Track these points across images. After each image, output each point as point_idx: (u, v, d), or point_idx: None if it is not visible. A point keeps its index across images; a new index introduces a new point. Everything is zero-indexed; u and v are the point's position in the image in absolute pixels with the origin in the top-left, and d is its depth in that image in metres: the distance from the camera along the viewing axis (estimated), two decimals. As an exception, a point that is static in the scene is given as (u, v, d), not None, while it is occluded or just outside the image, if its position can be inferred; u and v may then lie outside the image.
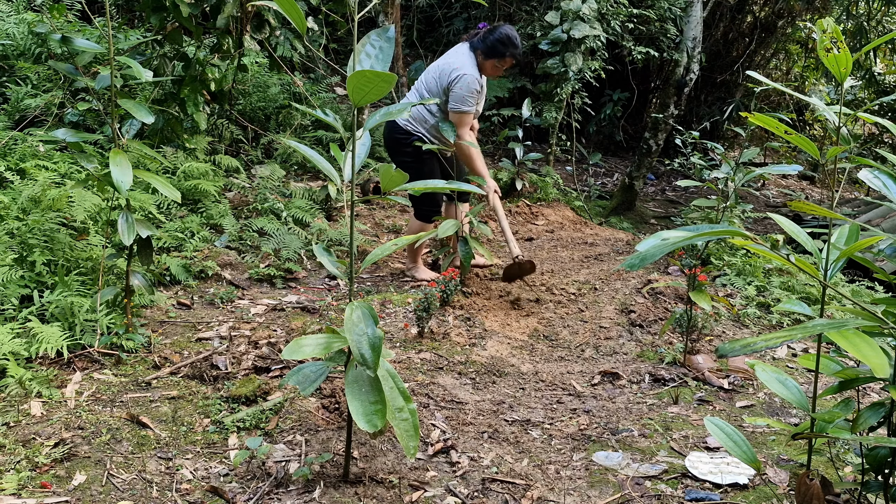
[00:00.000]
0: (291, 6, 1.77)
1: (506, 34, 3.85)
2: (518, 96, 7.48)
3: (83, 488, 2.14)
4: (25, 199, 3.40)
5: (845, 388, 1.67)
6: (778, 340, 1.34)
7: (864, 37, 7.73)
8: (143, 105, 2.72)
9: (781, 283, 4.17)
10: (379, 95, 1.76)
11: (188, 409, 2.62)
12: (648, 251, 1.38)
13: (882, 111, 7.42)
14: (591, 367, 3.21)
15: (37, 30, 3.25)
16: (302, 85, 5.46)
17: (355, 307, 1.91)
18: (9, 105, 4.66)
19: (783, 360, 3.36)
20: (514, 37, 3.85)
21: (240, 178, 5.16)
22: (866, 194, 7.03)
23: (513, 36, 3.85)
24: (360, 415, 1.90)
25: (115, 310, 3.12)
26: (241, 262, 4.15)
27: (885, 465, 1.69)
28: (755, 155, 3.21)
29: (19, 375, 2.58)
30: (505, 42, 3.84)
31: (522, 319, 3.71)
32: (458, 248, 3.89)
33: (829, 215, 1.49)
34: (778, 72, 9.65)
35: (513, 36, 3.85)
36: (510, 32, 3.86)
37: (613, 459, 2.42)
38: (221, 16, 4.36)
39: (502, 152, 7.39)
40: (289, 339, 3.18)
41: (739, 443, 1.75)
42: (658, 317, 3.77)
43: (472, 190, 2.11)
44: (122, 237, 2.75)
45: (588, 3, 6.26)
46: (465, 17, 8.81)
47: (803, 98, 1.75)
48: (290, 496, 2.16)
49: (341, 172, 2.00)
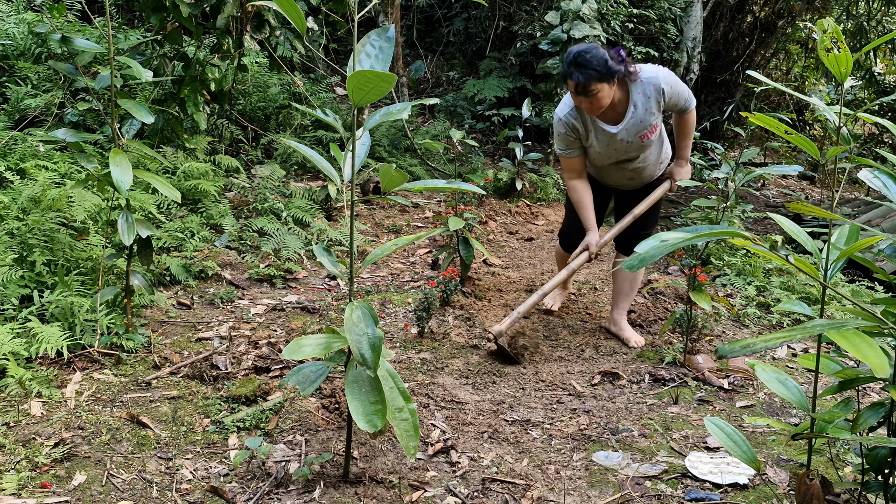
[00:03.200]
0: (291, 6, 1.77)
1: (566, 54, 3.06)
2: (518, 96, 7.48)
3: (83, 488, 2.14)
4: (25, 199, 3.40)
5: (845, 388, 1.67)
6: (778, 340, 1.34)
7: (864, 37, 7.73)
8: (143, 105, 2.72)
9: (781, 283, 4.17)
10: (379, 95, 1.76)
11: (188, 409, 2.62)
12: (648, 252, 1.38)
13: (882, 111, 7.42)
14: (591, 367, 3.21)
15: (37, 30, 3.25)
16: (302, 85, 5.46)
17: (355, 307, 1.91)
18: (9, 105, 4.66)
19: (783, 360, 3.36)
20: (566, 55, 3.01)
21: (240, 178, 5.16)
22: (866, 194, 7.03)
23: (567, 54, 3.00)
24: (360, 415, 1.90)
25: (115, 310, 3.12)
26: (241, 262, 4.15)
27: (885, 465, 1.69)
28: (755, 155, 3.21)
29: (19, 375, 2.58)
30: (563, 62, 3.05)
31: (522, 319, 3.70)
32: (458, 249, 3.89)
33: (828, 216, 1.49)
34: (778, 72, 9.65)
35: (567, 54, 3.00)
36: (570, 50, 3.01)
37: (613, 459, 2.42)
38: (221, 16, 4.36)
39: (502, 152, 7.39)
40: (289, 339, 3.18)
41: (739, 443, 1.75)
42: (658, 317, 3.77)
43: (472, 190, 2.11)
44: (122, 237, 2.75)
45: (588, 3, 6.26)
46: (465, 18, 8.81)
47: (803, 98, 1.75)
48: (290, 496, 2.16)
49: (341, 172, 2.00)
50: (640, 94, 3.06)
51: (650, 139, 3.17)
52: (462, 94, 7.73)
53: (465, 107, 7.67)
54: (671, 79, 3.10)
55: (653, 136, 3.17)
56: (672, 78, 3.11)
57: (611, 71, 2.92)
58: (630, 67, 3.02)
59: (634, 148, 3.18)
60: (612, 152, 3.19)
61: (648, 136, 3.15)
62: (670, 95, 3.10)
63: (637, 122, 3.09)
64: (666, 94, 3.08)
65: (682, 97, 3.15)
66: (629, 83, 3.05)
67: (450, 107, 7.74)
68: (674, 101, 3.15)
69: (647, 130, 3.13)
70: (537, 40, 6.63)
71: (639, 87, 3.06)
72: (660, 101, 3.09)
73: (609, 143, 3.15)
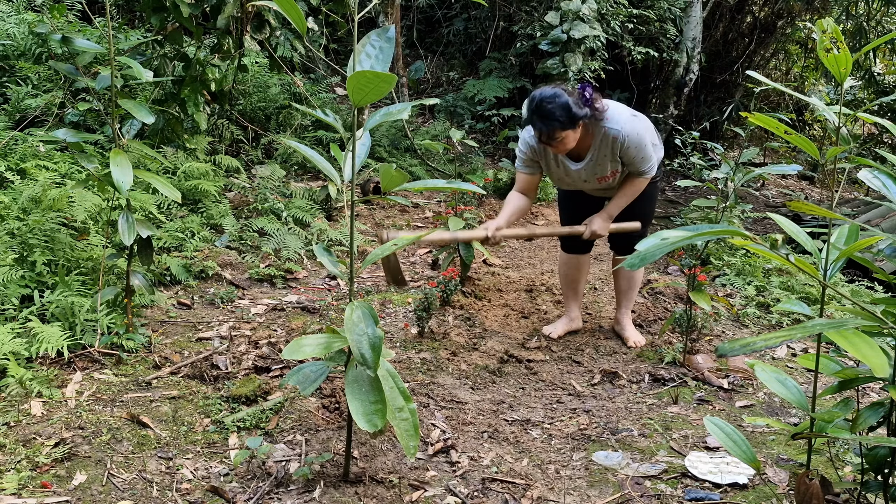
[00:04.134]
0: (291, 6, 1.77)
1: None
2: (518, 96, 7.48)
3: (83, 488, 2.14)
4: (26, 199, 3.40)
5: (845, 388, 1.68)
6: (777, 340, 1.34)
7: (863, 37, 7.74)
8: (144, 105, 2.72)
9: (781, 283, 4.17)
10: (379, 96, 1.76)
11: (188, 409, 2.62)
12: (648, 251, 1.38)
13: (882, 111, 7.42)
14: (591, 367, 3.21)
15: (37, 30, 3.26)
16: (302, 85, 5.47)
17: (355, 307, 1.92)
18: (9, 105, 4.66)
19: (783, 359, 3.37)
20: (529, 99, 2.92)
21: (240, 178, 5.17)
22: (866, 194, 7.03)
23: (530, 99, 2.92)
24: (360, 415, 1.90)
25: (116, 310, 3.12)
26: (242, 262, 4.15)
27: (884, 465, 1.69)
28: (755, 155, 3.22)
29: (20, 375, 2.58)
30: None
31: (522, 319, 3.71)
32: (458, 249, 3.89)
33: (828, 215, 1.50)
34: (778, 72, 9.65)
35: (530, 99, 2.92)
36: (531, 94, 2.95)
37: (613, 459, 2.42)
38: (221, 16, 4.36)
39: (502, 152, 7.39)
40: (289, 339, 3.19)
41: (739, 442, 1.75)
42: (658, 316, 3.77)
43: (472, 190, 2.11)
44: (123, 237, 2.75)
45: (588, 3, 6.26)
46: (465, 18, 8.82)
47: (803, 98, 1.75)
48: (290, 496, 2.16)
49: (341, 172, 2.00)
50: (600, 142, 3.00)
51: (608, 182, 3.13)
52: (462, 95, 7.74)
53: (465, 107, 7.67)
54: (637, 138, 2.97)
55: (612, 179, 3.11)
56: (639, 138, 2.98)
57: (574, 118, 2.84)
58: (596, 106, 2.92)
59: (593, 185, 3.17)
60: (573, 182, 3.19)
61: (607, 179, 3.11)
62: (627, 151, 2.99)
63: (594, 164, 3.05)
64: (622, 149, 2.99)
65: (639, 160, 3.02)
66: (596, 124, 2.98)
67: (450, 107, 7.75)
68: (628, 159, 3.03)
69: (606, 174, 3.08)
70: (537, 40, 6.64)
71: (600, 133, 2.99)
72: (615, 152, 3.01)
73: (567, 174, 3.15)
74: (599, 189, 3.24)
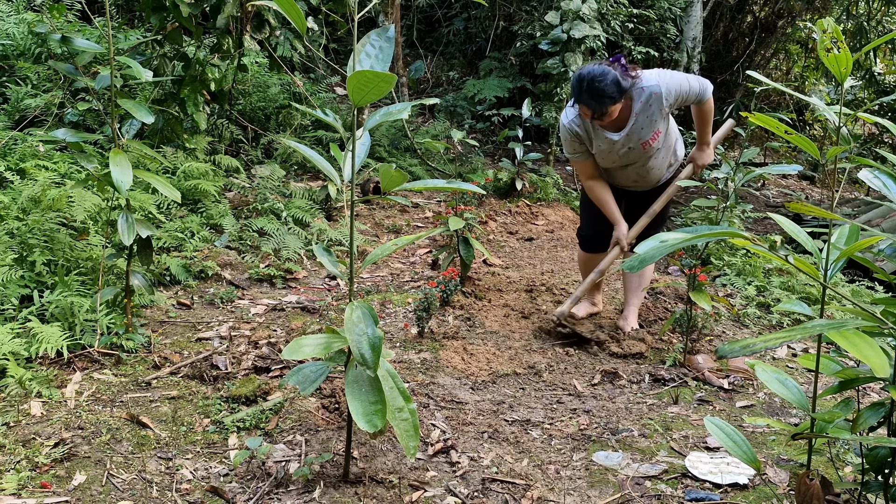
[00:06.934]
0: (291, 6, 1.77)
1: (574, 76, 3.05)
2: (518, 96, 7.48)
3: (83, 488, 2.14)
4: (25, 199, 3.40)
5: (845, 388, 1.67)
6: (778, 340, 1.34)
7: (864, 37, 7.73)
8: (143, 105, 2.72)
9: (781, 283, 4.17)
10: (379, 95, 1.76)
11: (188, 409, 2.62)
12: (647, 253, 1.38)
13: (882, 111, 7.42)
14: (591, 367, 3.21)
15: (37, 30, 3.25)
16: (302, 85, 5.46)
17: (355, 307, 1.91)
18: (9, 105, 4.66)
19: (783, 360, 3.36)
20: (576, 79, 2.99)
21: (240, 178, 5.16)
22: (866, 194, 7.03)
23: (577, 78, 2.98)
24: (360, 415, 1.90)
25: (115, 310, 3.12)
26: (241, 262, 4.15)
27: (885, 465, 1.69)
28: (755, 155, 3.21)
29: (19, 375, 2.58)
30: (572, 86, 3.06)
31: (522, 319, 3.71)
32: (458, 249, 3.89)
33: (828, 216, 1.49)
34: (778, 72, 9.65)
35: (577, 78, 2.98)
36: (577, 74, 3.01)
37: (613, 459, 2.42)
38: (221, 16, 4.36)
39: (502, 152, 7.39)
40: (289, 339, 3.18)
41: (739, 443, 1.75)
42: (658, 317, 3.77)
43: (472, 190, 2.11)
44: (122, 237, 2.75)
45: (588, 3, 6.26)
46: (465, 17, 8.81)
47: (803, 98, 1.75)
48: (290, 496, 2.16)
49: (341, 172, 2.00)
50: (641, 103, 3.08)
51: (652, 146, 3.19)
52: (462, 94, 7.73)
53: (465, 107, 7.67)
54: (673, 83, 3.09)
55: (655, 142, 3.18)
56: (674, 81, 3.10)
57: (623, 91, 2.97)
58: (633, 74, 3.04)
59: (636, 154, 3.21)
60: (614, 157, 3.23)
61: (650, 144, 3.17)
62: (676, 97, 3.11)
63: (638, 129, 3.12)
64: (670, 99, 3.08)
65: (692, 93, 3.14)
66: (632, 91, 3.07)
67: (450, 107, 7.74)
68: (682, 100, 3.15)
69: (648, 138, 3.14)
70: (537, 40, 6.63)
71: (640, 96, 3.07)
72: (662, 108, 3.09)
73: (611, 148, 3.19)
74: (639, 167, 3.27)
